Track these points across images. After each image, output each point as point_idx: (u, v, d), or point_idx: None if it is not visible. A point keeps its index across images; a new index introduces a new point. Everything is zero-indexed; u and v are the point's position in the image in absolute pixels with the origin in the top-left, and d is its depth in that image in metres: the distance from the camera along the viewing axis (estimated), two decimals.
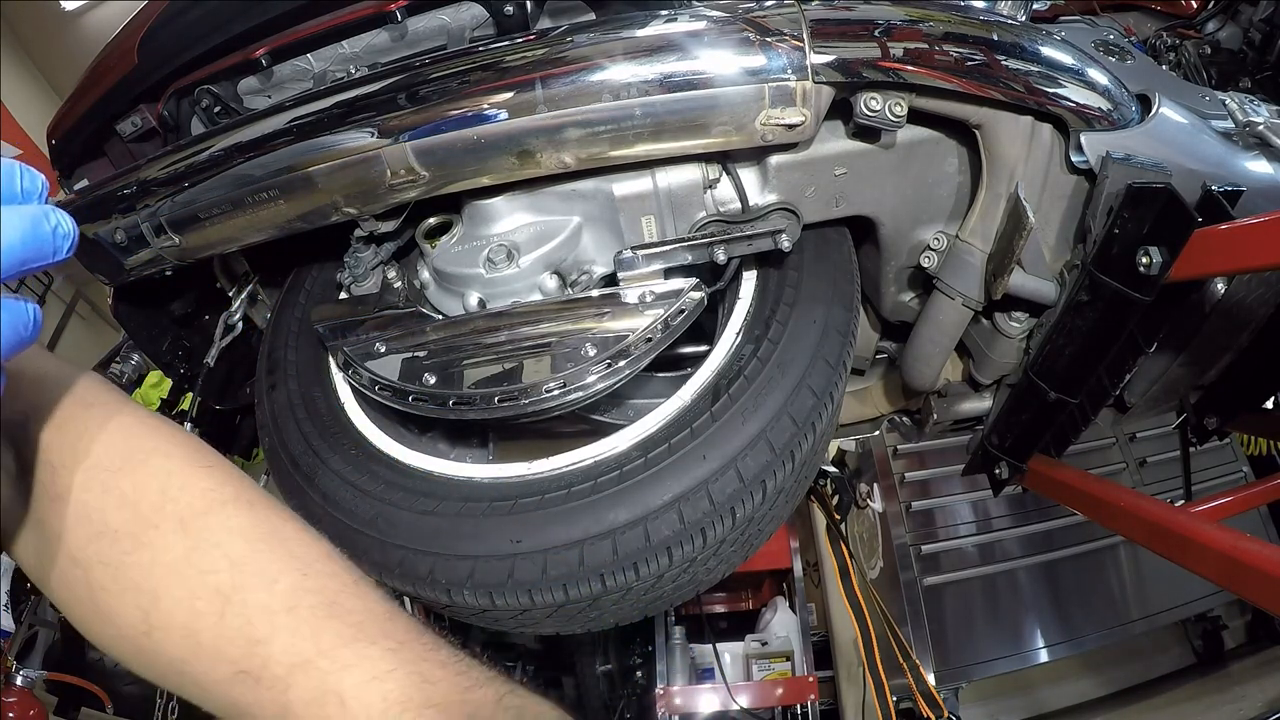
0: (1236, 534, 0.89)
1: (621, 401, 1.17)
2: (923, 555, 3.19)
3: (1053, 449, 1.16)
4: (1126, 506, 1.05)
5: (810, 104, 0.84)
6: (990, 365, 1.17)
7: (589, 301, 0.97)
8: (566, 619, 0.98)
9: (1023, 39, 0.88)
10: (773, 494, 0.91)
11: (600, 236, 1.02)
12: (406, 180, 0.89)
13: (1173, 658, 3.54)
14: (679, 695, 3.28)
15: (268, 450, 1.07)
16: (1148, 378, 1.20)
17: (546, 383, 0.91)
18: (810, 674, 3.33)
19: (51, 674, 2.82)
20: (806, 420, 0.91)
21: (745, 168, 0.98)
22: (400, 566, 0.90)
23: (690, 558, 0.89)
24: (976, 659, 3.07)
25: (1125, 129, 0.91)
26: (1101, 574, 3.25)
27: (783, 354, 0.94)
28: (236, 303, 1.24)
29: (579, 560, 0.85)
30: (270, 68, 1.03)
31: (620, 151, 0.87)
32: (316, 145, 0.89)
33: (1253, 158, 0.97)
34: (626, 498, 0.87)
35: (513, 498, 0.90)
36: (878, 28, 0.84)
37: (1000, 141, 0.93)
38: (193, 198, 0.94)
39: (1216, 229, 0.82)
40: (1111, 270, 0.90)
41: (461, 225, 1.04)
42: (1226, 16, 1.46)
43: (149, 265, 1.01)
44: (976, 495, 3.31)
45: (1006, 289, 0.99)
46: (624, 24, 0.85)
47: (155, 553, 0.48)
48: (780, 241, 0.94)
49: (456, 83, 0.86)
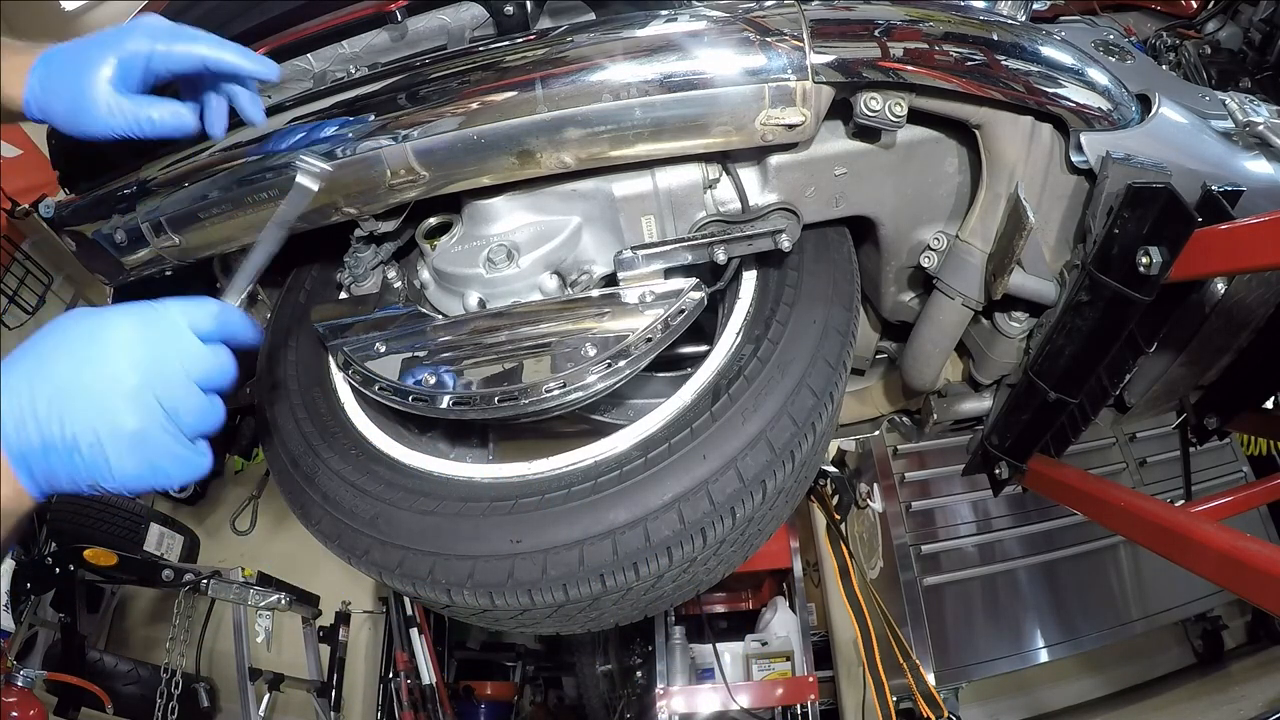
0: (1236, 534, 0.89)
1: (621, 401, 1.17)
2: (923, 555, 3.19)
3: (1053, 449, 1.16)
4: (1126, 506, 1.05)
5: (810, 104, 0.84)
6: (990, 365, 1.17)
7: (589, 301, 0.97)
8: (566, 619, 0.98)
9: (1023, 39, 0.88)
10: (773, 494, 0.91)
11: (600, 236, 1.02)
12: (406, 180, 0.89)
13: (1173, 658, 3.54)
14: (679, 695, 3.27)
15: (268, 450, 1.07)
16: (1148, 378, 1.20)
17: (546, 383, 0.91)
18: (810, 674, 3.32)
19: (51, 674, 2.82)
20: (806, 420, 0.91)
21: (745, 168, 0.98)
22: (400, 566, 0.90)
23: (690, 558, 0.89)
24: (976, 659, 3.07)
25: (1125, 129, 0.91)
26: (1101, 574, 3.25)
27: (783, 354, 0.94)
28: (236, 303, 1.24)
29: (579, 560, 0.85)
30: None
31: (620, 151, 0.87)
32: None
33: (1253, 158, 0.97)
34: (626, 498, 0.87)
35: (513, 498, 0.90)
36: (878, 28, 0.84)
37: (1000, 141, 0.93)
38: (193, 197, 0.94)
39: (1216, 229, 0.82)
40: (1111, 270, 0.90)
41: (461, 225, 1.04)
42: (1226, 16, 1.46)
43: (149, 265, 1.01)
44: (976, 495, 3.31)
45: (1006, 289, 0.99)
46: (624, 24, 0.85)
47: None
48: (780, 241, 0.94)
49: (456, 83, 0.86)
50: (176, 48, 0.78)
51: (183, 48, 0.79)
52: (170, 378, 0.59)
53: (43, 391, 0.56)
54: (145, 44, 0.77)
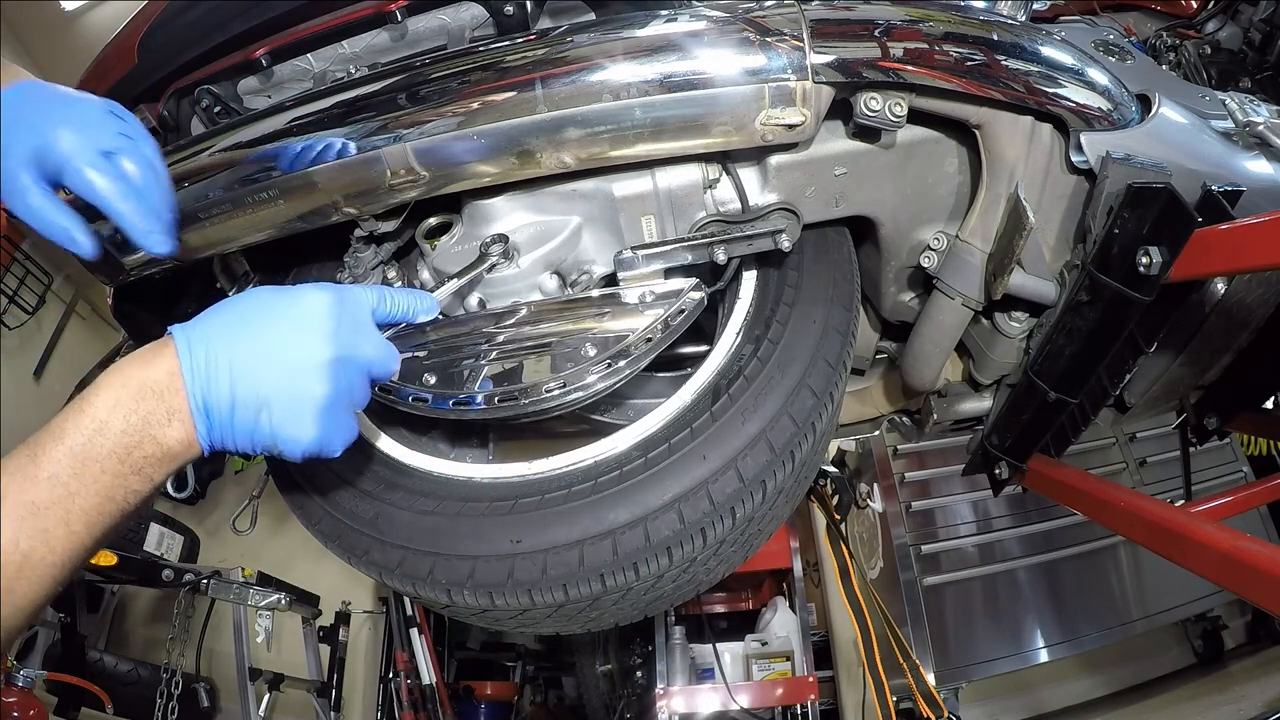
0: (1236, 534, 0.89)
1: (621, 401, 1.17)
2: (923, 555, 3.19)
3: (1053, 449, 1.16)
4: (1126, 506, 1.05)
5: (810, 104, 0.84)
6: (990, 365, 1.17)
7: (589, 301, 0.96)
8: (566, 619, 0.98)
9: (1023, 39, 0.88)
10: (773, 494, 0.91)
11: (600, 236, 1.02)
12: (406, 180, 0.89)
13: (1173, 658, 3.54)
14: (679, 695, 3.27)
15: None
16: (1148, 378, 1.20)
17: (546, 383, 0.91)
18: (810, 674, 3.33)
19: (51, 674, 2.82)
20: (806, 420, 0.91)
21: (745, 168, 0.98)
22: (400, 566, 0.90)
23: (690, 558, 0.89)
24: (976, 659, 3.07)
25: (1125, 129, 0.91)
26: (1101, 574, 3.25)
27: (783, 354, 0.94)
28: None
29: (579, 560, 0.85)
30: (270, 68, 1.03)
31: (620, 151, 0.87)
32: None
33: (1253, 158, 0.97)
34: (626, 498, 0.87)
35: (513, 498, 0.90)
36: (878, 28, 0.84)
37: (1000, 141, 0.93)
38: (193, 197, 0.94)
39: (1216, 229, 0.82)
40: (1111, 270, 0.90)
41: (461, 225, 1.04)
42: (1226, 16, 1.46)
43: (149, 265, 1.01)
44: (976, 495, 3.31)
45: (1006, 289, 0.99)
46: (624, 24, 0.85)
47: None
48: (780, 241, 0.94)
49: (456, 83, 0.86)
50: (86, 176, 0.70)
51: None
52: (356, 359, 0.65)
53: (241, 351, 0.59)
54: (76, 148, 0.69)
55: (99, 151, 0.70)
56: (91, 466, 0.55)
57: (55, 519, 0.54)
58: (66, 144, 0.69)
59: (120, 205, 0.71)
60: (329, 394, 0.62)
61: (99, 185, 0.70)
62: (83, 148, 0.69)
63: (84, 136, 0.70)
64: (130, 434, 0.57)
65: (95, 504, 0.55)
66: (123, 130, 0.72)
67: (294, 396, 0.61)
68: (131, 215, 0.71)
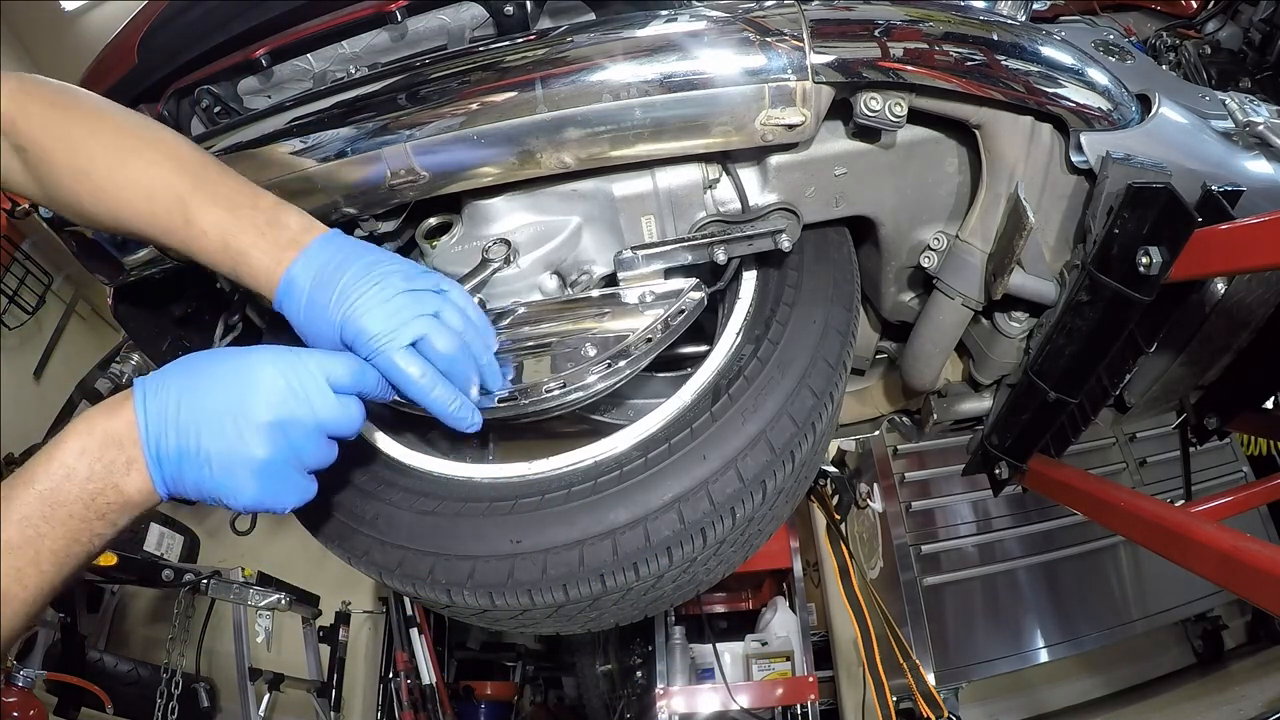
0: (1236, 534, 0.89)
1: (621, 401, 1.17)
2: (923, 555, 3.19)
3: (1053, 449, 1.16)
4: (1126, 506, 1.05)
5: (810, 104, 0.84)
6: (990, 365, 1.17)
7: (589, 301, 0.97)
8: (566, 619, 0.98)
9: (1023, 39, 0.88)
10: (773, 494, 0.91)
11: (600, 236, 1.02)
12: (406, 180, 0.89)
13: (1173, 658, 3.54)
14: (679, 695, 3.28)
15: None
16: (1148, 378, 1.20)
17: (546, 383, 0.90)
18: (810, 674, 3.33)
19: (51, 674, 2.82)
20: (806, 420, 0.91)
21: (745, 168, 0.98)
22: (400, 566, 0.90)
23: (690, 558, 0.89)
24: (976, 659, 3.07)
25: (1125, 129, 0.91)
26: (1101, 574, 3.26)
27: (783, 354, 0.94)
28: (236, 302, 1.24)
29: (579, 560, 0.85)
30: (270, 68, 1.03)
31: (620, 151, 0.87)
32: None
33: (1253, 158, 0.97)
34: (626, 498, 0.87)
35: (513, 498, 0.90)
36: (878, 28, 0.84)
37: (1000, 141, 0.93)
38: None
39: (1216, 229, 0.82)
40: (1111, 270, 0.90)
41: (461, 225, 1.04)
42: (1226, 16, 1.46)
43: (148, 265, 1.01)
44: (976, 495, 3.31)
45: (1006, 289, 0.99)
46: (624, 24, 0.85)
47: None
48: (780, 241, 0.94)
49: (457, 83, 0.86)
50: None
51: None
52: (300, 422, 0.65)
53: (188, 407, 0.63)
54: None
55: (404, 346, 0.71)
56: (59, 510, 0.59)
57: (27, 559, 0.57)
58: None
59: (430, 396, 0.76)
60: (267, 456, 0.64)
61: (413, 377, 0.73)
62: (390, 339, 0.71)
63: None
64: (94, 480, 0.60)
65: (63, 545, 0.59)
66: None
67: (231, 455, 0.63)
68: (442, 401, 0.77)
